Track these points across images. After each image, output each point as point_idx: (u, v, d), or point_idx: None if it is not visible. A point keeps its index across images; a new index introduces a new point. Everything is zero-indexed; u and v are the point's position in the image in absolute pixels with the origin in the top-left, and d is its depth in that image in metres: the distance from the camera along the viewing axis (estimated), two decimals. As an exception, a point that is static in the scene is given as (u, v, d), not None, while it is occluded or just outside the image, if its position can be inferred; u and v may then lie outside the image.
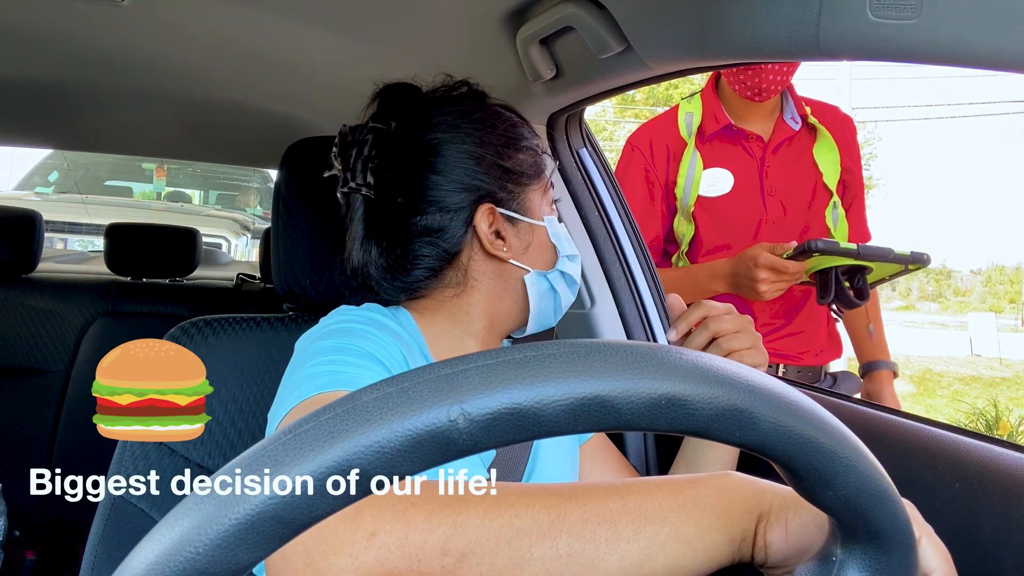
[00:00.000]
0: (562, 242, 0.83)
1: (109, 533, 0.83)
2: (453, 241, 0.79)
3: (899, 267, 1.26)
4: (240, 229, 4.61)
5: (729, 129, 1.46)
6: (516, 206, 0.80)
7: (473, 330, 0.82)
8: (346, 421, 0.28)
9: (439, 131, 0.79)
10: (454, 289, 0.82)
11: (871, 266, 1.25)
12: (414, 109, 0.81)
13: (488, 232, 0.79)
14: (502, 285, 0.81)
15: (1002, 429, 5.50)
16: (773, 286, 1.27)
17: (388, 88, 0.84)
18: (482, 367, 0.29)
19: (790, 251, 1.23)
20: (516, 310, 0.83)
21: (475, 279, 0.81)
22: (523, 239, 0.81)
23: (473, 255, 0.80)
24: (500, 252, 0.79)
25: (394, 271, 0.81)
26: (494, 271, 0.81)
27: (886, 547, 0.35)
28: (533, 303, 0.82)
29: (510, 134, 0.81)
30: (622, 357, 0.30)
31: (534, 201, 0.82)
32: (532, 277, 0.81)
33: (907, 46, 0.53)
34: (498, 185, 0.79)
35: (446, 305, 0.82)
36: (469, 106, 0.82)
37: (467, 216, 0.78)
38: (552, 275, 0.82)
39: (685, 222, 1.46)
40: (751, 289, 1.28)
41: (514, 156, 0.80)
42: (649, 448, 1.05)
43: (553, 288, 0.83)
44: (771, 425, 0.31)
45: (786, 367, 1.49)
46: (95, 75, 1.38)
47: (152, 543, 0.27)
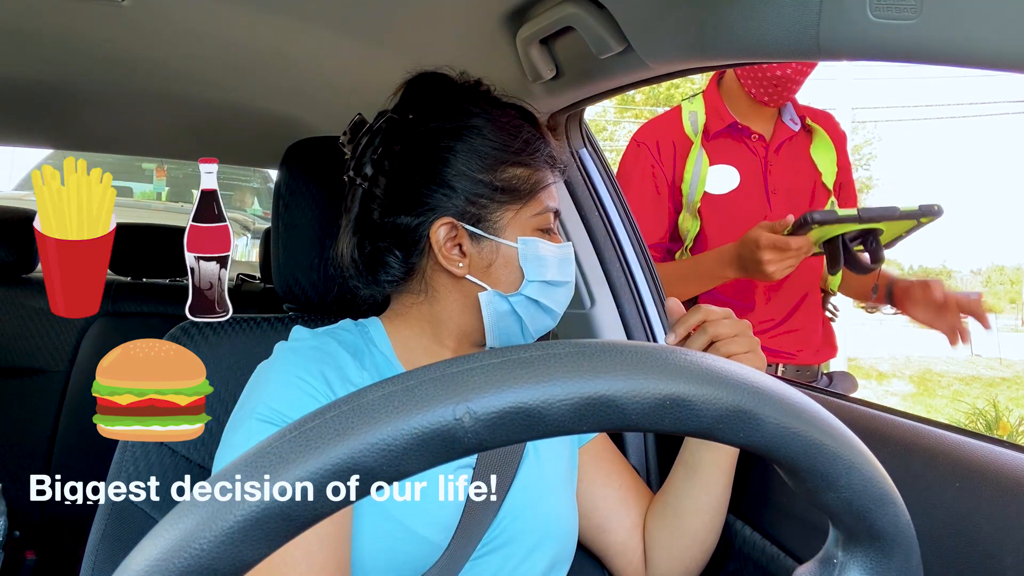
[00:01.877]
0: (538, 267, 0.79)
1: (109, 533, 0.83)
2: (413, 248, 0.79)
3: (911, 223, 1.23)
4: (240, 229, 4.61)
5: (734, 127, 1.47)
6: (483, 222, 0.78)
7: (442, 339, 0.82)
8: (351, 419, 0.28)
9: (439, 134, 0.78)
10: (416, 297, 0.81)
11: (881, 227, 1.22)
12: (431, 105, 0.80)
13: (444, 245, 0.77)
14: (463, 299, 0.80)
15: (1002, 429, 5.50)
16: (781, 264, 1.24)
17: (418, 77, 0.83)
18: (488, 366, 0.29)
19: (789, 227, 1.22)
20: (481, 326, 0.80)
21: (436, 289, 0.80)
22: (485, 257, 0.78)
23: (432, 265, 0.79)
24: (455, 268, 0.78)
25: (363, 269, 0.81)
26: (454, 284, 0.79)
27: (887, 549, 0.35)
28: (488, 323, 0.80)
29: (509, 146, 0.79)
30: (628, 357, 0.30)
31: (508, 219, 0.78)
32: (487, 296, 0.79)
33: (907, 46, 0.53)
34: (468, 199, 0.77)
35: (413, 312, 0.82)
36: (478, 110, 0.80)
37: (427, 224, 0.78)
38: (515, 298, 0.79)
39: (690, 218, 1.46)
40: (759, 271, 1.25)
41: (504, 170, 0.78)
42: (649, 449, 1.05)
43: (515, 312, 0.79)
44: (775, 427, 0.31)
45: (785, 367, 1.50)
46: (95, 75, 1.38)
47: (158, 538, 0.27)
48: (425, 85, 0.83)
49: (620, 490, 0.90)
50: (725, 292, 1.45)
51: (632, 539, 0.88)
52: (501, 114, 0.81)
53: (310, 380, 0.73)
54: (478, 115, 0.79)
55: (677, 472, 0.86)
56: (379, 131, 0.80)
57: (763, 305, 1.47)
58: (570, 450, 0.89)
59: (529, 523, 0.80)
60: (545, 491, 0.82)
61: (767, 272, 1.24)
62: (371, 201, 0.80)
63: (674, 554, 0.85)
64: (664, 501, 0.86)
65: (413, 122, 0.80)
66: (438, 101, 0.81)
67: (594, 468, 0.90)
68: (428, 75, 0.83)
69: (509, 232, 0.78)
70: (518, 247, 0.78)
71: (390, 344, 0.82)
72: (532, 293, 0.79)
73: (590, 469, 0.90)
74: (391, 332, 0.83)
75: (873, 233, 1.24)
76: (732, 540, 0.90)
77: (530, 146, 0.80)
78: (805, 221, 1.18)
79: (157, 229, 2.14)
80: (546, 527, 0.81)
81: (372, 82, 1.26)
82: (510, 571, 0.78)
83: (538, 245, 0.79)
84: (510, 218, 0.79)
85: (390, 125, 0.80)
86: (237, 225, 4.58)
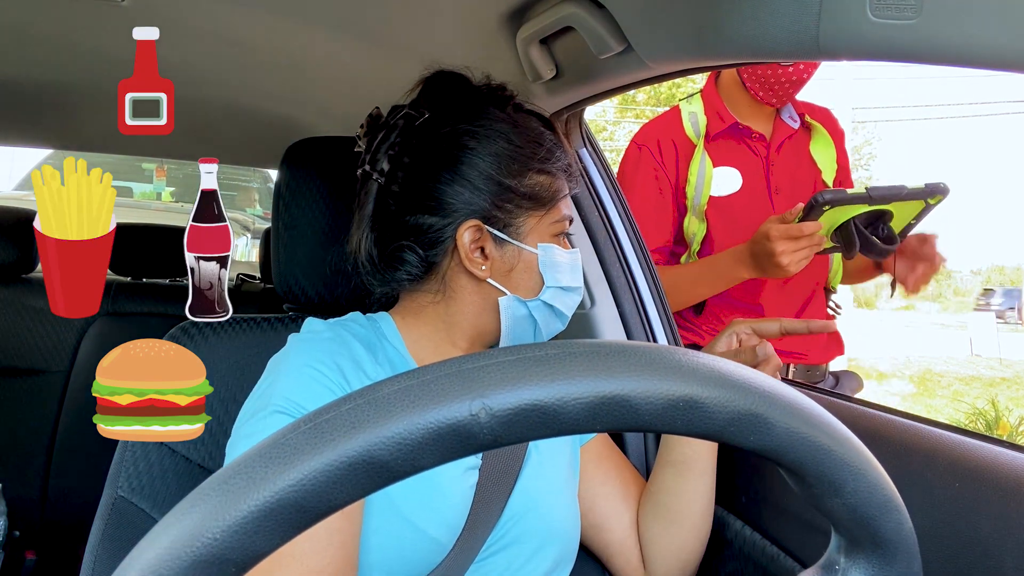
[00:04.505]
0: (556, 273, 0.80)
1: (110, 533, 0.83)
2: (436, 247, 0.79)
3: (919, 204, 1.21)
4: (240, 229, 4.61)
5: (735, 128, 1.46)
6: (508, 227, 0.78)
7: (454, 339, 0.82)
8: (367, 412, 0.28)
9: (465, 135, 0.78)
10: (433, 296, 0.81)
11: (891, 211, 1.21)
12: (453, 104, 0.80)
13: (469, 248, 0.78)
14: (481, 302, 0.80)
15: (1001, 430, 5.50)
16: (794, 256, 1.21)
17: (436, 75, 0.83)
18: (504, 363, 0.30)
19: (799, 213, 1.21)
20: (495, 328, 0.82)
21: (454, 290, 0.80)
22: (507, 261, 0.79)
23: (453, 266, 0.79)
24: (478, 270, 0.78)
25: (380, 265, 0.81)
26: (474, 286, 0.80)
27: (890, 556, 0.35)
28: (505, 326, 0.81)
29: (535, 154, 0.79)
30: (642, 358, 0.30)
31: (531, 226, 0.79)
32: (507, 300, 0.79)
33: (907, 46, 0.53)
34: (495, 203, 0.77)
35: (427, 310, 0.82)
36: (504, 115, 0.80)
37: (454, 226, 0.78)
38: (533, 303, 0.80)
39: (696, 221, 1.45)
40: (774, 265, 1.22)
41: (529, 177, 0.79)
42: (649, 449, 1.05)
43: (532, 316, 0.81)
44: (785, 431, 0.32)
45: (796, 367, 1.49)
46: (95, 75, 1.38)
47: (170, 526, 0.27)
48: (444, 84, 0.83)
49: (620, 489, 0.90)
50: (733, 294, 1.45)
51: (631, 538, 0.88)
52: (526, 121, 0.81)
53: (325, 371, 0.73)
54: (503, 120, 0.80)
55: (666, 472, 0.86)
56: (395, 126, 0.80)
57: (771, 306, 1.46)
58: (571, 450, 0.89)
59: (533, 524, 0.80)
60: (548, 491, 0.82)
61: (782, 264, 1.21)
62: (387, 197, 0.80)
63: (672, 550, 0.86)
64: (656, 501, 0.87)
65: (433, 120, 0.79)
66: (461, 101, 0.81)
67: (594, 467, 0.90)
68: (446, 74, 0.84)
69: (531, 238, 0.80)
70: (538, 253, 0.79)
71: (402, 340, 0.82)
72: (549, 298, 0.80)
73: (590, 468, 0.90)
74: (402, 328, 0.83)
75: (883, 218, 1.22)
76: (732, 540, 0.90)
77: (553, 155, 0.81)
78: (815, 202, 1.17)
79: (157, 229, 2.14)
80: (549, 527, 0.81)
81: (372, 82, 1.26)
82: (514, 572, 0.78)
83: (555, 252, 0.80)
84: (533, 224, 0.80)
85: (408, 121, 0.80)
86: (237, 225, 4.58)
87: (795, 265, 1.22)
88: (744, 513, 0.91)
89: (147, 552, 0.27)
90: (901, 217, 1.24)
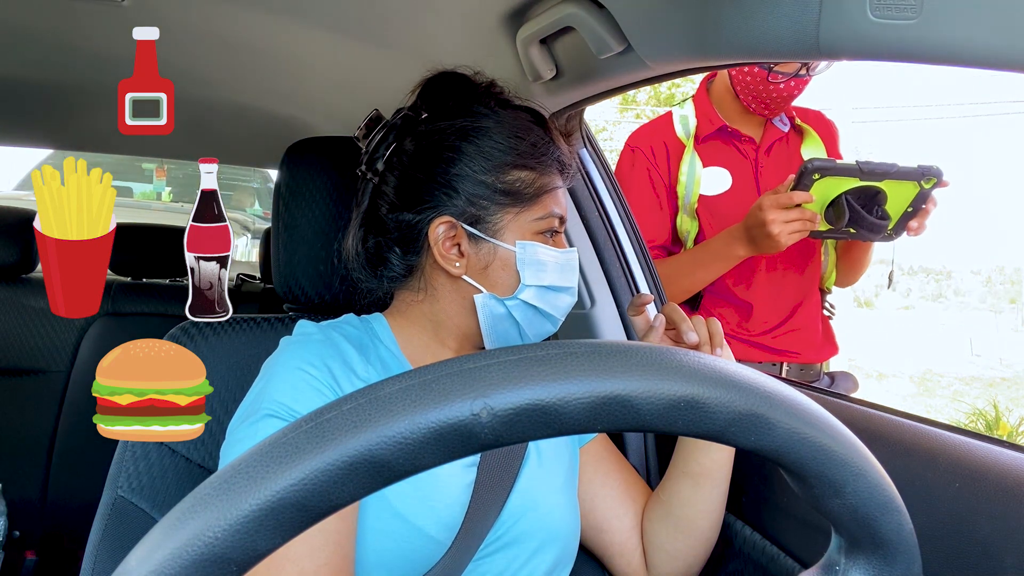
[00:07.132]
0: (537, 271, 0.78)
1: (110, 533, 0.83)
2: (412, 245, 0.79)
3: (914, 187, 1.22)
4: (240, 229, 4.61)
5: (723, 131, 1.48)
6: (482, 223, 0.78)
7: (442, 339, 0.82)
8: (368, 411, 0.28)
9: (447, 134, 0.78)
10: (416, 295, 0.82)
11: (884, 190, 1.22)
12: (445, 105, 0.81)
13: (442, 244, 0.78)
14: (461, 300, 0.80)
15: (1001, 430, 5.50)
16: (786, 227, 1.22)
17: (436, 76, 0.84)
18: (505, 362, 0.30)
19: (791, 184, 1.21)
20: (479, 328, 0.80)
21: (435, 288, 0.80)
22: (483, 258, 0.78)
23: (431, 264, 0.80)
24: (452, 267, 0.78)
25: (366, 263, 0.82)
26: (452, 284, 0.80)
27: (890, 557, 0.36)
28: (483, 326, 0.80)
29: (515, 149, 0.78)
30: (644, 358, 0.31)
31: (507, 222, 0.78)
32: (482, 298, 0.78)
33: (907, 46, 0.53)
34: (468, 199, 0.77)
35: (414, 310, 0.82)
36: (486, 111, 0.80)
37: (426, 222, 0.78)
38: (511, 302, 0.78)
39: (688, 219, 1.47)
40: (768, 238, 1.23)
41: (508, 172, 0.78)
42: (649, 449, 1.05)
43: (511, 316, 0.79)
44: (786, 431, 0.32)
45: (789, 366, 1.50)
46: (95, 75, 1.38)
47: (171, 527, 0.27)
48: (441, 84, 0.83)
49: (620, 490, 0.90)
50: (728, 292, 1.45)
51: (632, 539, 0.88)
52: (511, 116, 0.81)
53: (315, 373, 0.73)
54: (487, 116, 0.79)
55: (682, 482, 0.84)
56: (393, 128, 0.81)
57: (764, 305, 1.47)
58: (571, 450, 0.89)
59: (532, 524, 0.80)
60: (547, 492, 0.82)
61: (774, 234, 1.22)
62: (379, 197, 0.81)
63: (678, 556, 0.85)
64: (668, 511, 0.85)
65: (425, 121, 0.80)
66: (451, 101, 0.81)
67: (594, 468, 0.90)
68: (445, 74, 0.84)
69: (508, 235, 0.78)
70: (516, 251, 0.78)
71: (395, 340, 0.82)
72: (529, 298, 0.78)
73: (590, 469, 0.90)
74: (395, 328, 0.83)
75: (877, 197, 1.23)
76: (732, 540, 0.90)
77: (537, 149, 0.80)
78: (805, 169, 1.18)
79: (157, 229, 2.14)
80: (549, 528, 0.81)
81: (372, 82, 1.26)
82: (514, 572, 0.78)
83: (537, 250, 0.78)
84: (509, 220, 0.78)
85: (405, 122, 0.81)
86: (237, 225, 4.58)
87: (786, 236, 1.23)
88: (745, 513, 0.91)
89: (148, 552, 0.27)
90: (896, 201, 1.24)
